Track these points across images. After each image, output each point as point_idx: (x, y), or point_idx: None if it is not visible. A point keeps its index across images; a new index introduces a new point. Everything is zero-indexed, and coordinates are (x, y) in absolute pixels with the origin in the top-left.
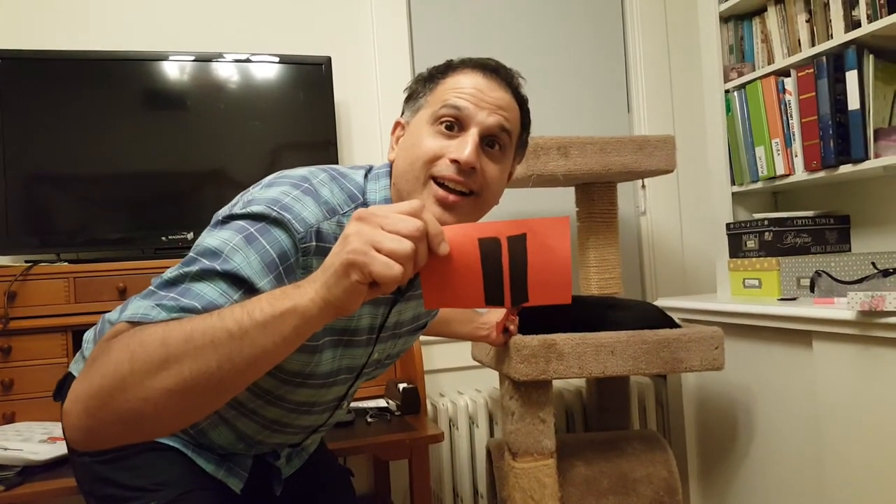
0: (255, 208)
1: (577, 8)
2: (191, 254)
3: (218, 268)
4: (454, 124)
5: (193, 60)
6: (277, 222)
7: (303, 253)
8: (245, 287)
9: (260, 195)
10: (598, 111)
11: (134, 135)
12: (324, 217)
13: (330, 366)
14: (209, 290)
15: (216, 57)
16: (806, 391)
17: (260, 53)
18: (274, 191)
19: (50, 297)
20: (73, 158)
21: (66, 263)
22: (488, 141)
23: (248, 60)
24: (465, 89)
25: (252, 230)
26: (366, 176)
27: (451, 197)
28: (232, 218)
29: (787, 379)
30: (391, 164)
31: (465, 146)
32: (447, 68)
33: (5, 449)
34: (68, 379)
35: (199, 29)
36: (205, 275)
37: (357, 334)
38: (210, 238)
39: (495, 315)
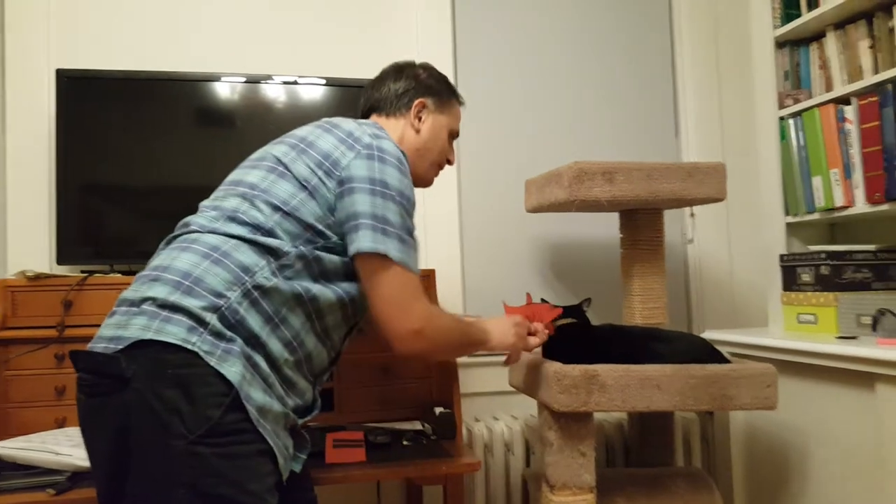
0: (409, 224)
1: (623, 30)
2: (394, 207)
3: (413, 252)
4: (451, 138)
5: (244, 82)
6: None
7: None
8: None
9: (394, 180)
10: (645, 135)
11: (185, 151)
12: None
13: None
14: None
15: (265, 78)
16: (867, 436)
17: (307, 76)
18: (396, 177)
19: (104, 306)
20: (127, 172)
21: (119, 275)
22: None
23: (295, 83)
24: (461, 119)
25: (410, 245)
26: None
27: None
28: (395, 204)
29: (847, 422)
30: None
31: (453, 154)
32: (452, 90)
33: (56, 454)
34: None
35: (249, 51)
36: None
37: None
38: (395, 216)
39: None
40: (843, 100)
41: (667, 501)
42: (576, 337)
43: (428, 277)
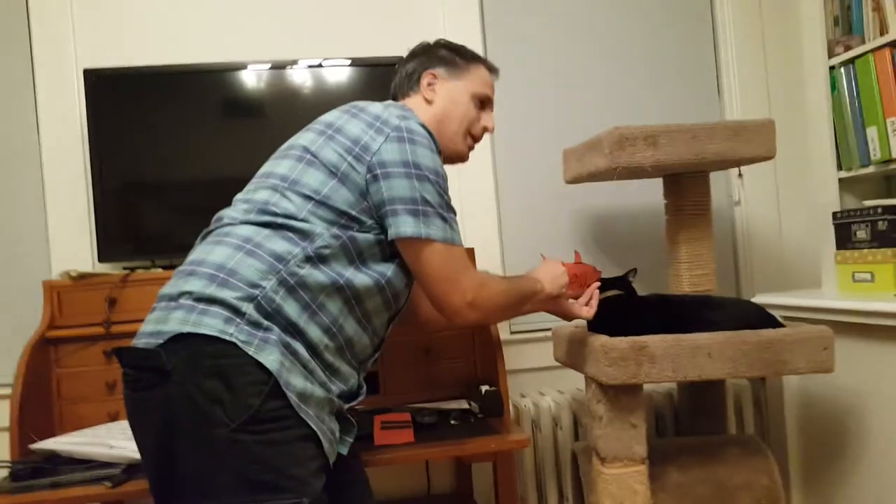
0: (446, 199)
1: None
2: (430, 187)
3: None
4: (483, 103)
5: (270, 68)
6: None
7: None
8: None
9: (426, 160)
10: (686, 97)
11: (217, 142)
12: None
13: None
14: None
15: (291, 63)
16: None
17: (333, 58)
18: (428, 156)
19: (147, 301)
20: (160, 167)
21: (160, 270)
22: None
23: (320, 66)
24: (490, 84)
25: (451, 220)
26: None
27: (473, 147)
28: (430, 184)
29: None
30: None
31: (492, 121)
32: (477, 57)
33: (111, 447)
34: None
35: (273, 37)
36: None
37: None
38: (434, 196)
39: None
40: None
41: (720, 469)
42: (622, 308)
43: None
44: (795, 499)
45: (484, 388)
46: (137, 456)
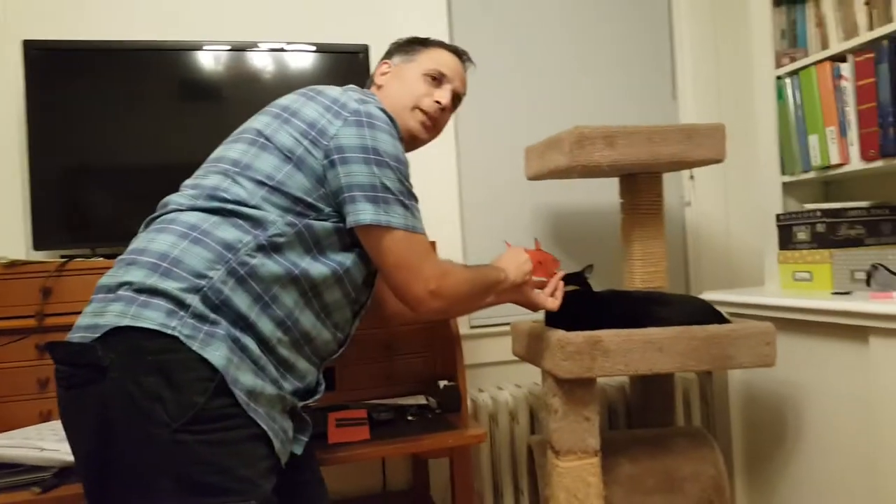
0: (407, 186)
1: None
2: (390, 174)
3: (417, 213)
4: (437, 80)
5: (228, 50)
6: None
7: None
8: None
9: (386, 145)
10: (643, 98)
11: (169, 126)
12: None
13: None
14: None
15: (251, 46)
16: (861, 389)
17: (296, 42)
18: (388, 141)
19: (86, 292)
20: (106, 151)
21: (101, 259)
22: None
23: (283, 50)
24: (447, 62)
25: (413, 207)
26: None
27: (428, 124)
28: (391, 170)
29: (841, 376)
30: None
31: (446, 96)
32: (435, 42)
33: (41, 450)
34: None
35: (233, 18)
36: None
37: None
38: (394, 182)
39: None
40: (839, 57)
41: (669, 461)
42: (579, 304)
43: None
44: (739, 487)
45: (442, 383)
46: (70, 458)
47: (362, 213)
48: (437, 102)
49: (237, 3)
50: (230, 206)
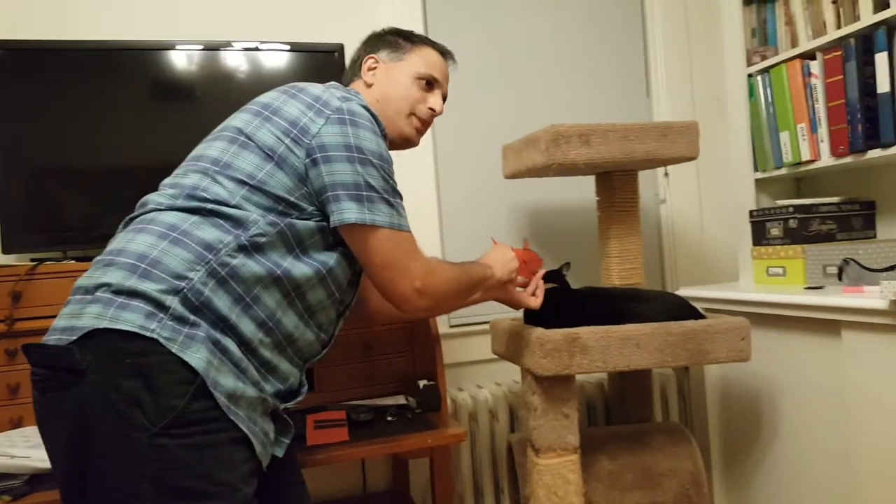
0: (392, 183)
1: None
2: (374, 172)
3: (402, 210)
4: (430, 85)
5: (201, 49)
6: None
7: None
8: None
9: (370, 143)
10: (617, 97)
11: (142, 127)
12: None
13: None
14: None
15: (225, 46)
16: (834, 382)
17: (270, 41)
18: (371, 139)
19: (57, 296)
20: (78, 152)
21: (73, 262)
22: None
23: (257, 49)
24: (437, 65)
25: (398, 205)
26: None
27: (423, 130)
28: (374, 168)
29: (815, 369)
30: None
31: (439, 103)
32: (420, 38)
33: (11, 457)
34: None
35: (206, 17)
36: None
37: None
38: (378, 181)
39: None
40: (809, 55)
41: (647, 456)
42: (557, 301)
43: None
44: (716, 480)
45: (422, 382)
46: (42, 465)
47: (346, 212)
48: (431, 110)
49: (210, 2)
50: (210, 206)
